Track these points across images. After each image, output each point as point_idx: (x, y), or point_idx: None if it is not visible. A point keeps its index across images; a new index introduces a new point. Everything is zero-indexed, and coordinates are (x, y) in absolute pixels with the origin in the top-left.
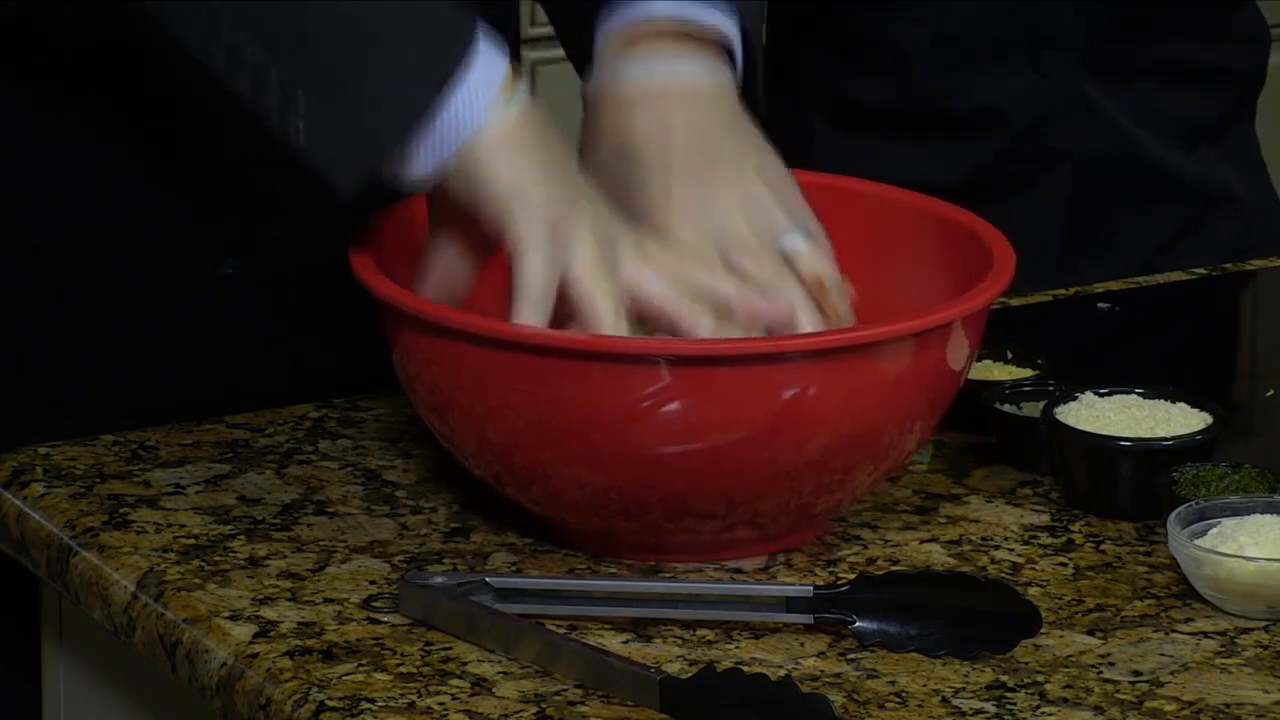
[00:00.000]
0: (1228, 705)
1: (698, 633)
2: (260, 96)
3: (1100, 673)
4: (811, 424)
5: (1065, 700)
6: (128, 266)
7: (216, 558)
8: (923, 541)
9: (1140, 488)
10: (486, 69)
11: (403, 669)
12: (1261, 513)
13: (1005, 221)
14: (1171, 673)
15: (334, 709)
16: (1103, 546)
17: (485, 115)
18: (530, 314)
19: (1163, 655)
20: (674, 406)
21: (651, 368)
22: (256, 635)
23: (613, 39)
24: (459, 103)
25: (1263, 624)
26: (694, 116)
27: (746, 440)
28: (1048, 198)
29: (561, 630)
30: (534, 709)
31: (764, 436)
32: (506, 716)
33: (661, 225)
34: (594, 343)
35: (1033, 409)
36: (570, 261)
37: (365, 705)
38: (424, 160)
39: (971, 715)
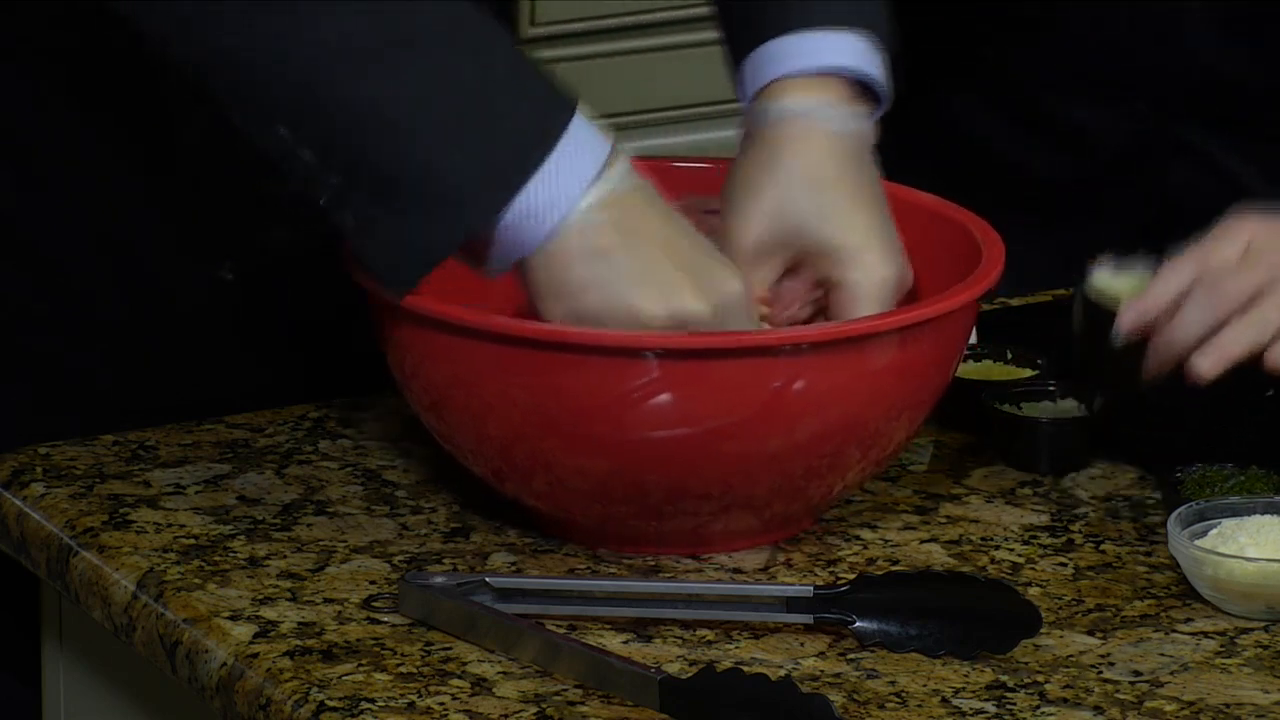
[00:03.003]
0: (1228, 705)
1: (698, 633)
2: (311, 189)
3: (1100, 673)
4: (798, 413)
5: (1065, 700)
6: (127, 270)
7: (216, 558)
8: (923, 541)
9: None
10: (570, 165)
11: (403, 669)
12: (1262, 513)
13: (1082, 236)
14: (1171, 673)
15: (334, 709)
16: (1103, 546)
17: (565, 211)
18: None
19: (1163, 655)
20: (668, 396)
21: (645, 361)
22: (256, 635)
23: (777, 83)
24: (523, 211)
25: (1263, 624)
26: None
27: (737, 426)
28: (1127, 224)
29: (561, 630)
30: (534, 709)
31: (753, 423)
32: (506, 716)
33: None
34: (591, 336)
35: (1033, 409)
36: None
37: (365, 705)
38: (496, 265)
39: (971, 715)
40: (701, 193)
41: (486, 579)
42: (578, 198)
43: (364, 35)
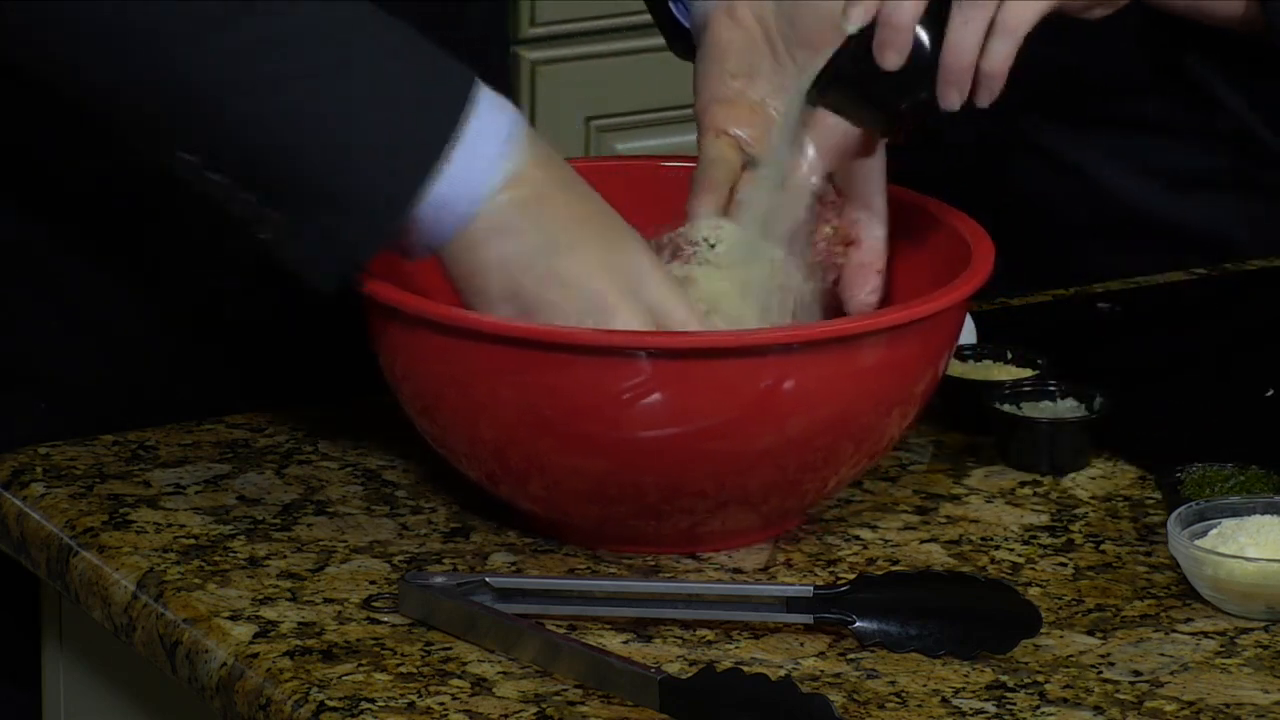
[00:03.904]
0: (1228, 705)
1: (698, 633)
2: (227, 206)
3: (1100, 673)
4: (789, 411)
5: (1065, 700)
6: (127, 273)
7: (216, 558)
8: (923, 541)
9: None
10: (475, 152)
11: (403, 669)
12: (1262, 513)
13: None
14: (1171, 673)
15: (334, 709)
16: (1103, 546)
17: (476, 199)
18: None
19: (1163, 655)
20: (660, 395)
21: (637, 360)
22: (256, 635)
23: None
24: (442, 191)
25: (1263, 624)
26: None
27: (729, 425)
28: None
29: (561, 630)
30: (534, 709)
31: (745, 421)
32: (506, 716)
33: None
34: (582, 336)
35: (1033, 409)
36: None
37: (365, 705)
38: (419, 250)
39: (971, 715)
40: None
41: (486, 579)
42: (486, 185)
43: (252, 51)
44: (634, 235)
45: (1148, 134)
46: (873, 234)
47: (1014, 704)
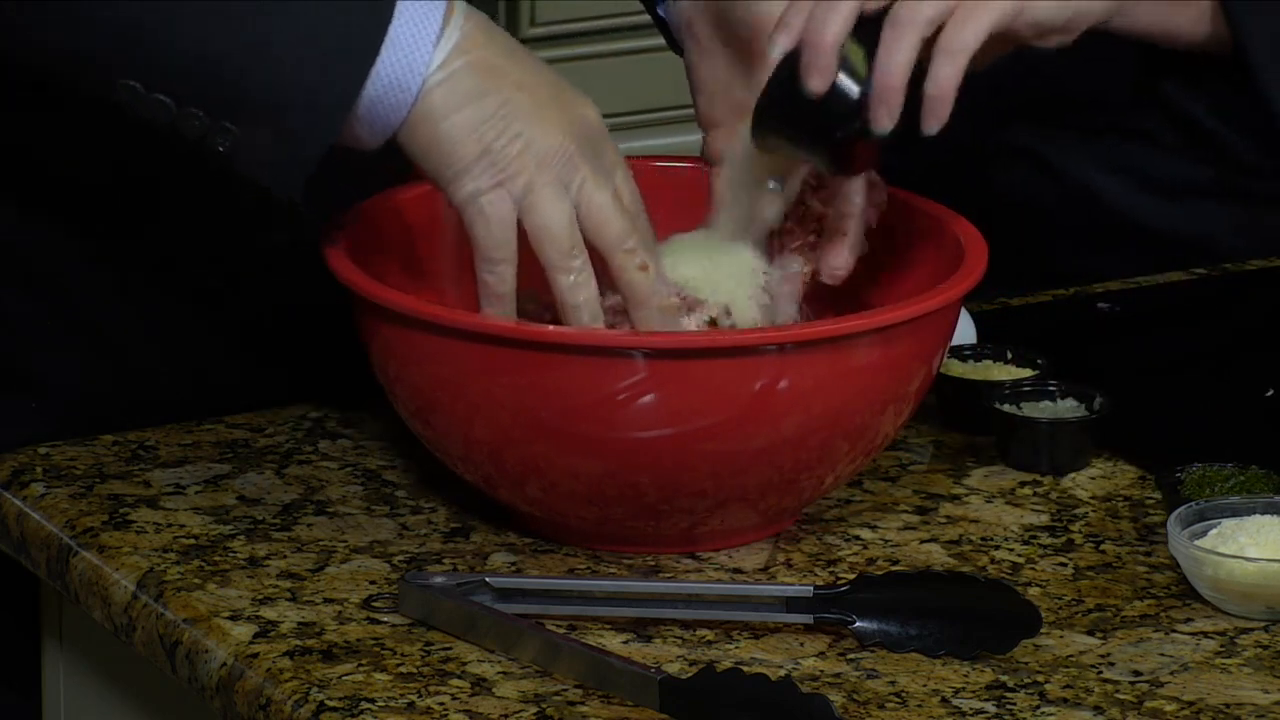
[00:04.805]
0: (1228, 705)
1: (698, 633)
2: (178, 126)
3: (1100, 673)
4: (784, 410)
5: (1065, 700)
6: (125, 274)
7: (216, 558)
8: (923, 541)
9: None
10: (415, 20)
11: (403, 669)
12: (1262, 513)
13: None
14: (1171, 673)
15: (334, 709)
16: (1103, 546)
17: (423, 72)
18: (576, 270)
19: (1163, 655)
20: (655, 395)
21: (631, 360)
22: (256, 635)
23: None
24: (385, 73)
25: (1263, 624)
26: None
27: (724, 424)
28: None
29: (561, 630)
30: (534, 709)
31: (740, 421)
32: (506, 716)
33: None
34: (576, 336)
35: (1033, 409)
36: (581, 199)
37: (365, 705)
38: (373, 138)
39: (971, 715)
40: (690, 191)
41: (486, 579)
42: (430, 60)
43: None
44: (584, 100)
45: (1133, 142)
46: (841, 207)
47: (1014, 704)
